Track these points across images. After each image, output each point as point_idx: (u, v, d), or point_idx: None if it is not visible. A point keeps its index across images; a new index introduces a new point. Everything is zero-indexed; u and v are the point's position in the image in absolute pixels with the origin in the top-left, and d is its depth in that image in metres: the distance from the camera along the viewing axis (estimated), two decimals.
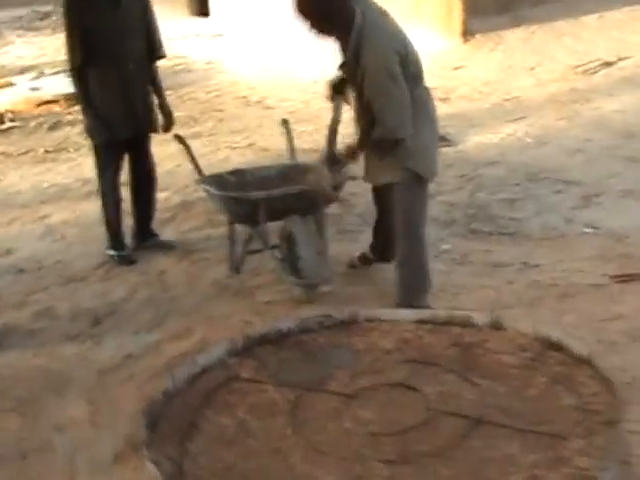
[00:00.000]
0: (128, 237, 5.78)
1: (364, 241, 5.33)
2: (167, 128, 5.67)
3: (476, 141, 6.65)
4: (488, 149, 7.58)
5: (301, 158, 5.44)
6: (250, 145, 8.48)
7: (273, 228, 4.84)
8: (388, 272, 4.93)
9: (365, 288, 4.70)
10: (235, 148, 8.38)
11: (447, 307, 4.36)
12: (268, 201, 4.44)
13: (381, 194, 4.63)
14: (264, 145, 8.37)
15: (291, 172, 5.17)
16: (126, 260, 5.56)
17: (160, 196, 5.95)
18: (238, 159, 7.97)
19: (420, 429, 3.22)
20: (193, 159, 4.96)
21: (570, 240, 5.31)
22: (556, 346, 3.77)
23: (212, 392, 3.63)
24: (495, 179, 6.79)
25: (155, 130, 5.66)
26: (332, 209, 5.33)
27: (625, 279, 4.60)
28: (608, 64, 9.24)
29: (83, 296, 4.99)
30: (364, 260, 5.01)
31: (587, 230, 5.48)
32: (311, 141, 7.02)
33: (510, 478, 2.94)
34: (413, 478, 2.97)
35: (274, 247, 4.72)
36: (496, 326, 4.01)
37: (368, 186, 4.72)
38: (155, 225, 5.95)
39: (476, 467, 3.01)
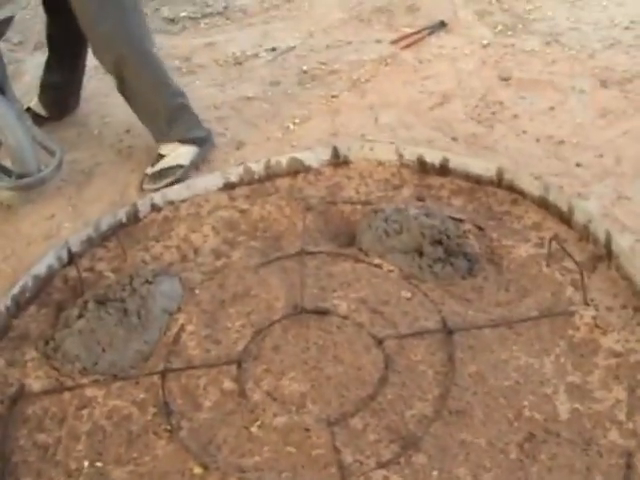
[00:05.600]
0: None
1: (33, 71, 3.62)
2: None
3: None
4: None
5: None
6: None
7: None
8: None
9: (79, 151, 3.15)
10: None
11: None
12: None
13: None
14: None
15: None
16: None
17: None
18: None
19: (392, 379, 2.10)
20: None
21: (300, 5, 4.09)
22: (441, 170, 2.78)
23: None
24: None
25: None
26: None
27: (408, 42, 3.62)
28: None
29: None
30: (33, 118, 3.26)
31: None
32: None
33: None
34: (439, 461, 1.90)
35: None
36: (338, 160, 2.87)
37: None
38: None
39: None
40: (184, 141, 2.99)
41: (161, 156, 2.99)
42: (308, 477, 1.87)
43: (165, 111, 2.96)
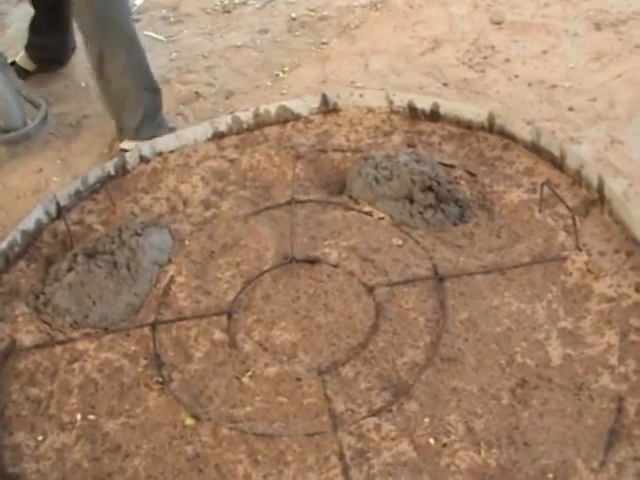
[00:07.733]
0: None
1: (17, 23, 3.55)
2: None
3: None
4: None
5: None
6: None
7: None
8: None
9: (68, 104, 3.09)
10: None
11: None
12: None
13: None
14: None
15: None
16: None
17: None
18: None
19: (383, 327, 2.09)
20: None
21: None
22: (431, 115, 2.74)
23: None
24: None
25: None
26: None
27: None
28: None
29: None
30: (18, 72, 3.14)
31: None
32: None
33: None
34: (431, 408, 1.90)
35: None
36: (327, 108, 2.82)
37: None
38: None
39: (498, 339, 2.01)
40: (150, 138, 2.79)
41: (124, 151, 2.81)
42: (300, 426, 1.87)
43: (143, 102, 2.80)
